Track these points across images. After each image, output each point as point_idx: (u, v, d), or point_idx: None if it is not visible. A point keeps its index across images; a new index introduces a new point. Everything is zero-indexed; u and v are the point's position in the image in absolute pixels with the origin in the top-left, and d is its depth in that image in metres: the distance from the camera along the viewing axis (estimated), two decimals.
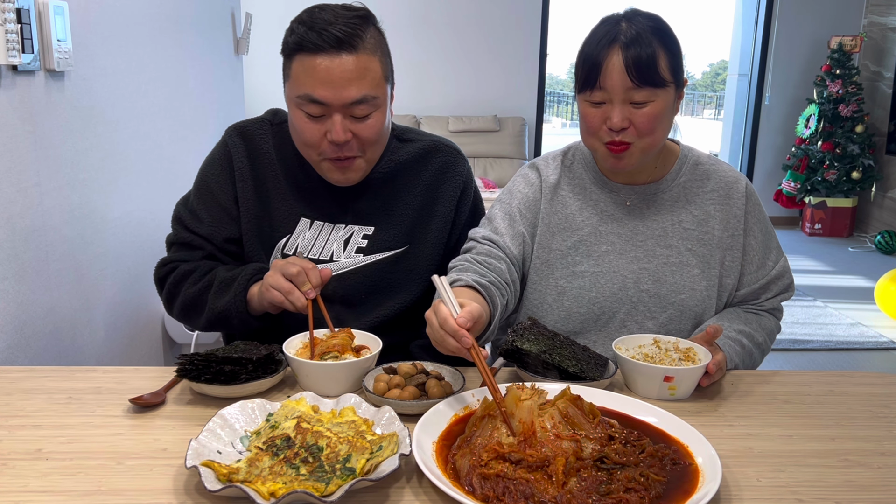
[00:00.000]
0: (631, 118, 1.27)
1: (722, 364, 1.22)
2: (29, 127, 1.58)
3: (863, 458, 0.99)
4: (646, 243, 1.39)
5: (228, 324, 1.33)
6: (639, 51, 1.23)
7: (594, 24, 1.32)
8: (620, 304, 1.38)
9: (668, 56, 1.26)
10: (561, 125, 19.51)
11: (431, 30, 6.45)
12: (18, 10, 1.49)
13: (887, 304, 4.11)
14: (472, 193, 1.50)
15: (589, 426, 0.95)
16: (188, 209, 1.44)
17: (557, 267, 1.40)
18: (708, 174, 1.42)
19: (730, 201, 1.40)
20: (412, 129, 1.51)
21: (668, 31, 1.29)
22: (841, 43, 6.16)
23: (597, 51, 1.26)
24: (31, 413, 1.07)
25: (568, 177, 1.45)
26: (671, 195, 1.41)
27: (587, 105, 1.30)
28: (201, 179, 1.44)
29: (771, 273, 1.41)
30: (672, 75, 1.27)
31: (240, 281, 1.31)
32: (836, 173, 6.12)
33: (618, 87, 1.25)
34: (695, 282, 1.37)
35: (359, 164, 1.34)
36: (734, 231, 1.39)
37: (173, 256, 1.43)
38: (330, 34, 1.23)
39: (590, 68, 1.26)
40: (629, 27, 1.25)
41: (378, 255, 1.41)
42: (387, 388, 1.10)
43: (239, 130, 1.44)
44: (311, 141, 1.30)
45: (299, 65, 1.26)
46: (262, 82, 5.86)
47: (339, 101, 1.26)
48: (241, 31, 3.56)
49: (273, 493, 0.82)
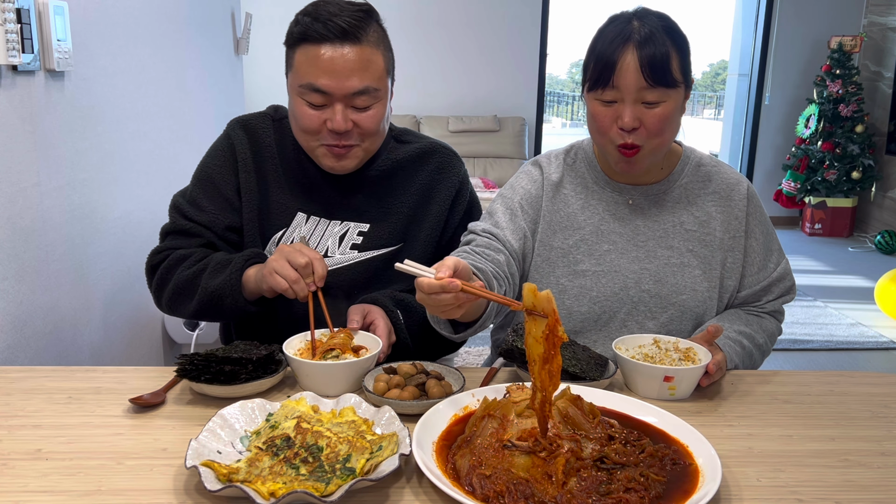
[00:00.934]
0: (642, 118, 1.26)
1: (722, 364, 1.22)
2: (29, 127, 1.58)
3: (863, 458, 0.99)
4: (647, 244, 1.39)
5: (220, 306, 1.30)
6: (653, 50, 1.23)
7: (603, 23, 1.32)
8: (621, 304, 1.38)
9: (680, 56, 1.26)
10: (561, 125, 19.52)
11: (432, 30, 6.45)
12: (18, 10, 1.49)
13: (887, 304, 4.11)
14: (467, 195, 1.50)
15: (589, 426, 0.95)
16: (187, 199, 1.44)
17: (559, 265, 1.40)
18: (710, 176, 1.42)
19: (731, 203, 1.40)
20: (410, 131, 1.52)
21: (678, 30, 1.28)
22: (841, 43, 6.16)
23: (610, 49, 1.25)
24: (31, 413, 1.07)
25: (570, 175, 1.45)
26: (673, 196, 1.41)
27: (598, 104, 1.29)
28: (203, 170, 1.45)
29: (772, 275, 1.41)
30: (682, 76, 1.27)
31: (236, 261, 1.30)
32: (836, 173, 6.12)
33: (631, 87, 1.24)
34: (696, 282, 1.37)
35: (355, 151, 1.35)
36: (735, 232, 1.39)
37: (168, 244, 1.42)
38: (335, 24, 1.26)
39: (603, 67, 1.26)
40: (642, 26, 1.25)
41: (372, 252, 1.42)
42: (387, 388, 1.10)
43: (241, 123, 1.45)
44: (311, 128, 1.32)
45: (303, 54, 1.28)
46: (262, 82, 5.87)
47: (341, 90, 1.27)
48: (241, 31, 3.56)
49: (273, 493, 0.82)
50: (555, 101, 20.56)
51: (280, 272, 1.22)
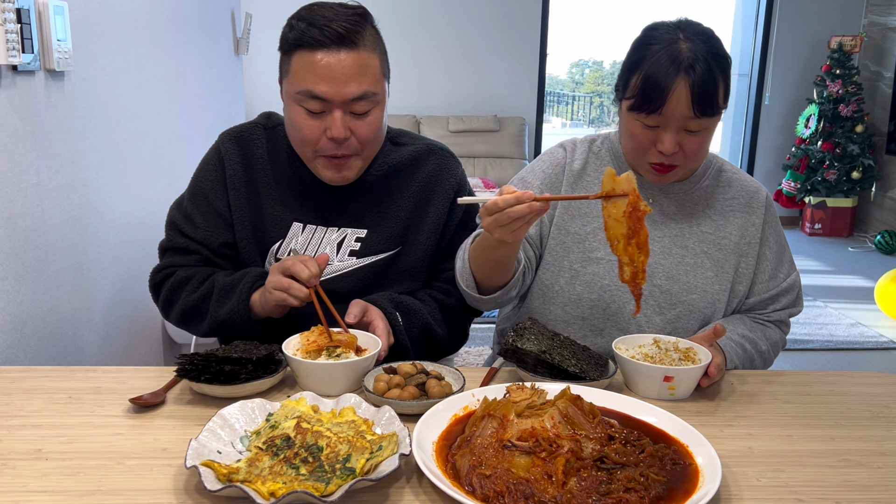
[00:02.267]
0: (682, 143, 1.27)
1: (722, 366, 1.23)
2: (29, 127, 1.58)
3: (863, 458, 1.00)
4: (663, 240, 1.40)
5: (231, 331, 1.32)
6: (704, 82, 1.22)
7: (644, 32, 1.30)
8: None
9: (725, 84, 1.26)
10: (561, 125, 19.49)
11: (431, 30, 6.45)
12: (18, 10, 1.49)
13: (887, 304, 4.11)
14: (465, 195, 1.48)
15: (589, 426, 0.95)
16: (183, 214, 1.43)
17: (573, 250, 1.41)
18: (730, 182, 1.44)
19: (750, 209, 1.42)
20: (406, 132, 1.51)
21: (723, 53, 1.27)
22: (841, 43, 6.16)
23: (661, 75, 1.23)
24: (31, 413, 1.07)
25: (594, 164, 1.45)
26: (693, 198, 1.42)
27: (638, 124, 1.29)
28: (195, 184, 1.44)
29: (781, 285, 1.41)
30: (724, 101, 1.27)
31: (241, 288, 1.30)
32: (836, 173, 6.12)
33: (678, 117, 1.24)
34: (707, 284, 1.38)
35: (354, 162, 1.34)
36: (751, 239, 1.41)
37: (168, 262, 1.42)
38: (331, 30, 1.24)
39: (651, 92, 1.24)
40: (690, 50, 1.23)
41: (371, 258, 1.40)
42: (387, 388, 1.10)
43: (232, 136, 1.43)
44: (310, 138, 1.30)
45: (299, 61, 1.26)
46: (262, 82, 5.86)
47: (339, 96, 1.26)
48: (241, 31, 3.56)
49: (273, 493, 0.82)
50: (555, 101, 20.53)
51: (276, 286, 1.22)
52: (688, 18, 1.30)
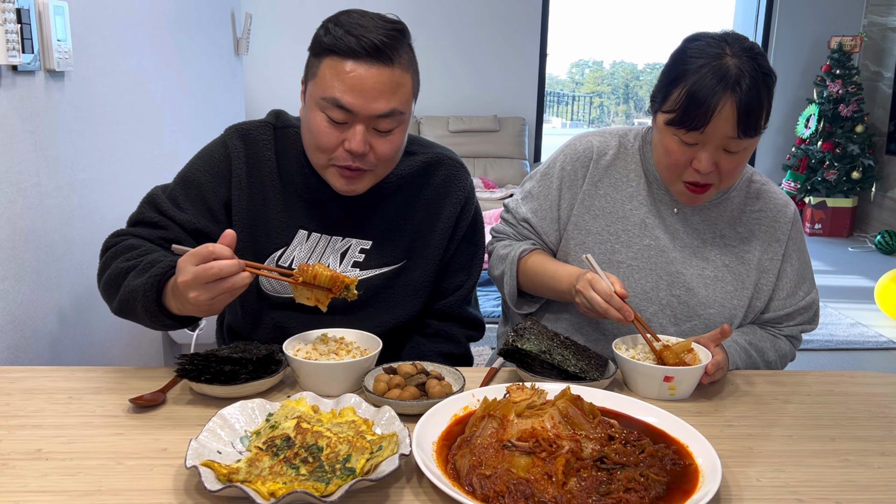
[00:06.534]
0: (719, 162, 1.24)
1: (722, 364, 1.22)
2: (29, 127, 1.58)
3: (863, 458, 0.99)
4: (685, 250, 1.38)
5: (133, 309, 1.17)
6: (751, 102, 1.17)
7: (688, 42, 1.24)
8: (649, 303, 1.36)
9: (769, 105, 1.21)
10: (561, 125, 19.49)
11: (431, 30, 6.44)
12: (18, 10, 1.49)
13: (887, 304, 4.11)
14: (472, 209, 1.45)
15: (589, 426, 0.95)
16: (167, 195, 1.33)
17: (594, 251, 1.39)
18: (759, 194, 1.41)
19: (776, 224, 1.39)
20: (416, 138, 1.45)
21: (770, 72, 1.22)
22: (841, 43, 6.16)
23: (707, 94, 1.17)
24: (31, 413, 1.07)
25: (623, 161, 1.42)
26: (719, 208, 1.39)
27: (675, 140, 1.24)
28: (190, 172, 1.34)
29: (800, 303, 1.39)
30: (766, 122, 1.23)
31: (163, 264, 1.15)
32: (836, 173, 6.12)
33: (719, 136, 1.20)
34: (726, 298, 1.36)
35: (368, 176, 1.29)
36: (773, 255, 1.38)
37: (129, 230, 1.31)
38: (368, 42, 1.18)
39: (696, 109, 1.18)
40: (737, 66, 1.18)
41: (375, 271, 1.36)
42: (387, 388, 1.10)
43: (240, 133, 1.35)
44: (327, 146, 1.24)
45: (330, 66, 1.20)
46: (263, 82, 5.85)
47: (366, 111, 1.20)
48: (241, 31, 3.56)
49: (273, 493, 0.82)
50: (555, 101, 20.52)
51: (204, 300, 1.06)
52: (734, 31, 1.25)
